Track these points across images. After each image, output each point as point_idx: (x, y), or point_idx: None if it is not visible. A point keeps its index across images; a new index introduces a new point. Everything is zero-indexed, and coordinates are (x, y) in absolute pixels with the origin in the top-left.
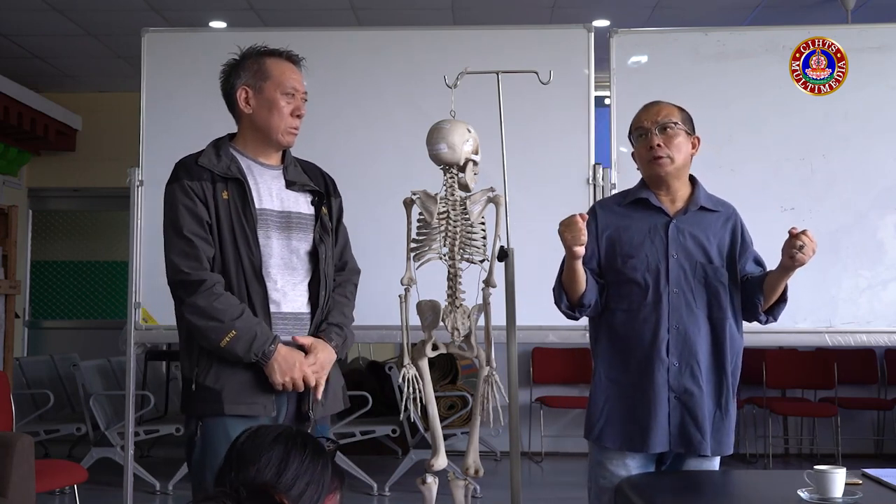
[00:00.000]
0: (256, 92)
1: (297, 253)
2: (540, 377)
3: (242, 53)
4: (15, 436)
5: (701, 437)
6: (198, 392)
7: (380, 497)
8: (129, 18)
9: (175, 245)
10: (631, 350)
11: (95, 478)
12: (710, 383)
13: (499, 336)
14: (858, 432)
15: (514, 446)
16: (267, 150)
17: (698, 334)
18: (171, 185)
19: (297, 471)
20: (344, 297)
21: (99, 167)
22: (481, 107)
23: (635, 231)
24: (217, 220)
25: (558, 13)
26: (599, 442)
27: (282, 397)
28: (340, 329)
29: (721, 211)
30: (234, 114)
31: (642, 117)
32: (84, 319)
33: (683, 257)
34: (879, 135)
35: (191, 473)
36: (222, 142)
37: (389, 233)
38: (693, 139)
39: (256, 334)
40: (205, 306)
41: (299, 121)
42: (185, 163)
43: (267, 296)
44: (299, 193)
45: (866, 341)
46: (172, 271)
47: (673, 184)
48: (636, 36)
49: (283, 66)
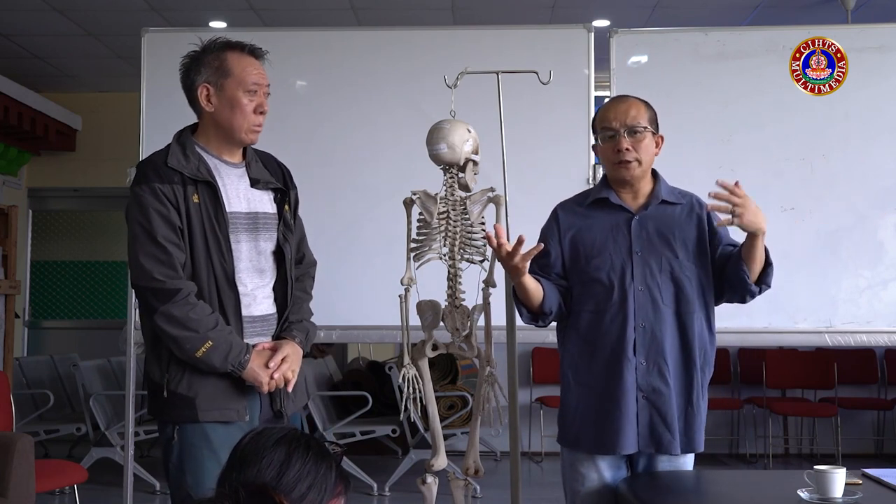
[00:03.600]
0: (218, 90)
1: (264, 254)
2: (540, 377)
3: (202, 47)
4: (15, 436)
5: (671, 437)
6: (170, 399)
7: (380, 497)
8: (129, 18)
9: (147, 250)
10: (598, 351)
11: (95, 478)
12: (679, 381)
13: (499, 336)
14: (858, 432)
15: (514, 446)
16: (230, 147)
17: (665, 331)
18: (140, 187)
19: (298, 473)
20: (303, 293)
21: (99, 167)
22: (481, 107)
23: (597, 231)
24: (188, 225)
25: (558, 13)
26: (576, 446)
27: (254, 400)
28: (301, 324)
29: (683, 203)
30: (196, 110)
31: (610, 116)
32: (84, 319)
33: (648, 253)
34: (879, 135)
35: (168, 477)
36: (185, 137)
37: (389, 233)
38: (657, 138)
39: (231, 345)
40: (180, 316)
41: (263, 117)
42: (154, 163)
43: (239, 301)
44: (263, 192)
45: (866, 341)
46: (144, 277)
47: (636, 183)
48: (636, 36)
49: (244, 62)
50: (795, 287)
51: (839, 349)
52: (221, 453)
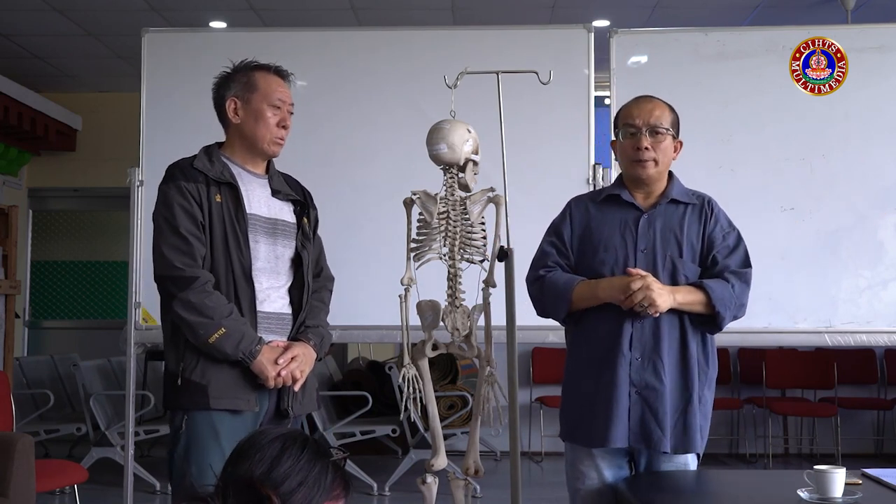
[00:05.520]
0: (244, 103)
1: (282, 258)
2: (540, 377)
3: (234, 67)
4: (15, 436)
5: (661, 434)
6: (183, 386)
7: (380, 497)
8: (129, 18)
9: (170, 241)
10: (595, 345)
11: (95, 478)
12: (675, 379)
13: (499, 336)
14: (858, 432)
15: (514, 446)
16: (254, 158)
17: (664, 329)
18: (167, 185)
19: (289, 469)
20: (320, 303)
21: (99, 167)
22: (481, 107)
23: (607, 227)
24: (210, 222)
25: (558, 13)
26: (571, 440)
27: (264, 395)
28: (317, 329)
29: (696, 203)
30: (224, 123)
31: (634, 113)
32: (84, 319)
33: (653, 251)
34: (879, 135)
35: (173, 467)
36: (213, 149)
37: (389, 233)
38: (676, 143)
39: (244, 334)
40: (196, 302)
41: (285, 132)
42: (180, 165)
43: (254, 296)
44: (283, 202)
45: (866, 341)
46: (165, 266)
47: (651, 183)
48: (636, 36)
49: (270, 80)
50: (795, 287)
51: (839, 349)
52: (226, 445)
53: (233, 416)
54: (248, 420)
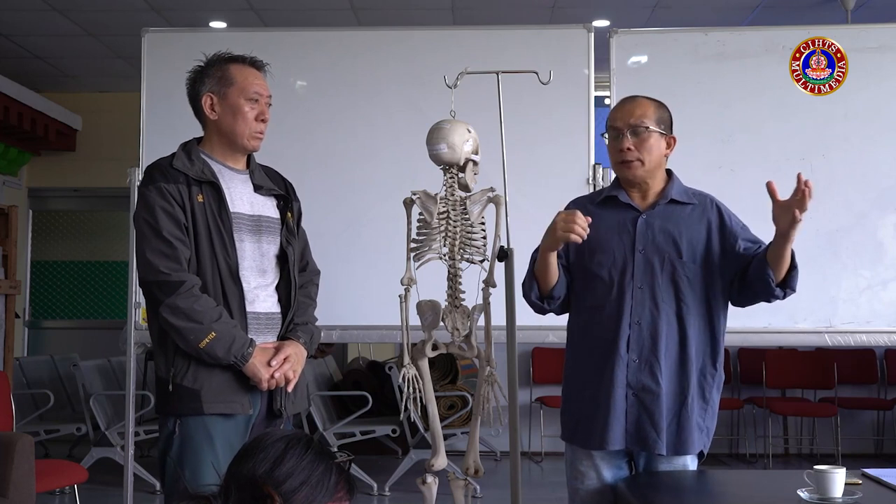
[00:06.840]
0: (221, 98)
1: (267, 256)
2: (540, 377)
3: (207, 61)
4: (15, 436)
5: (656, 436)
6: (175, 392)
7: (380, 497)
8: (129, 18)
9: (153, 245)
10: (593, 346)
11: (95, 478)
12: (673, 381)
13: (499, 336)
14: (858, 432)
15: (514, 446)
16: (234, 154)
17: (663, 331)
18: (147, 188)
19: (291, 468)
20: (307, 298)
21: (99, 167)
22: (481, 107)
23: (604, 228)
24: (193, 223)
25: (558, 13)
26: (571, 440)
27: (256, 396)
28: (306, 326)
29: (696, 203)
30: (201, 120)
31: (616, 116)
32: (84, 319)
33: (651, 252)
34: (879, 135)
35: (165, 471)
36: (191, 146)
37: (389, 233)
38: (668, 138)
39: (235, 337)
40: (185, 307)
41: (264, 125)
42: (160, 165)
43: (243, 296)
44: (266, 197)
45: (866, 341)
46: (150, 271)
47: (645, 183)
48: (636, 36)
49: (246, 73)
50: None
51: (839, 349)
52: (220, 449)
53: (226, 419)
54: (241, 422)
